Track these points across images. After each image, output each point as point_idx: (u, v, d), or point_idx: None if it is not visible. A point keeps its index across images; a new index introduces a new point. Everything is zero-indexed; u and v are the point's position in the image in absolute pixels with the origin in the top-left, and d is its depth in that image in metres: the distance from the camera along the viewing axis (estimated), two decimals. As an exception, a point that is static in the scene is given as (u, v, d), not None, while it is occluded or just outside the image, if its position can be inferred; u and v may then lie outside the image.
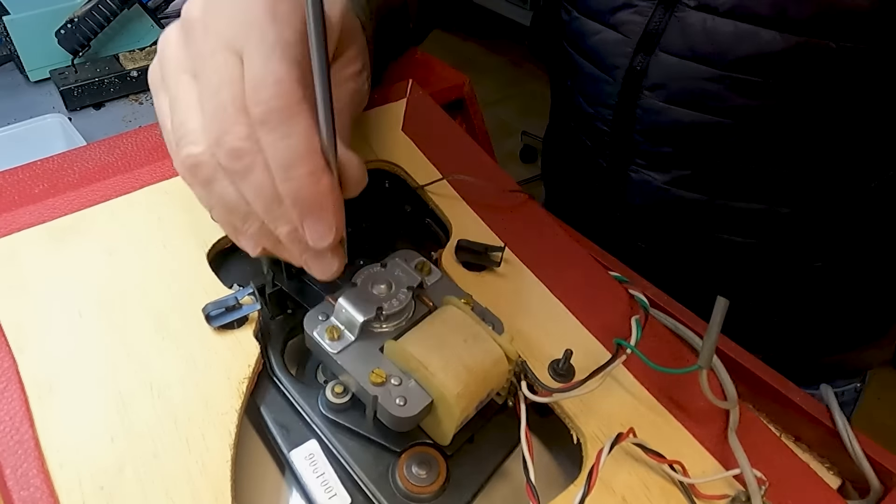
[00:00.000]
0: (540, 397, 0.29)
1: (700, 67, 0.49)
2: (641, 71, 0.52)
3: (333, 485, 0.28)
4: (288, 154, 0.24)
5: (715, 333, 0.28)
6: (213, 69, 0.25)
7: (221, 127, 0.24)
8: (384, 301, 0.29)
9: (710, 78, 0.49)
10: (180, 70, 0.27)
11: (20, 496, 0.25)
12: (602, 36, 0.55)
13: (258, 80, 0.24)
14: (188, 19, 0.27)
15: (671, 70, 0.51)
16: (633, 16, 0.52)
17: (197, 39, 0.26)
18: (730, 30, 0.47)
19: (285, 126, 0.23)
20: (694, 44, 0.49)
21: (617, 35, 0.54)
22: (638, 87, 0.53)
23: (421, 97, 0.45)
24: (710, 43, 0.48)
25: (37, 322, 0.30)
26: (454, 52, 2.70)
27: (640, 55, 0.52)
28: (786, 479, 0.30)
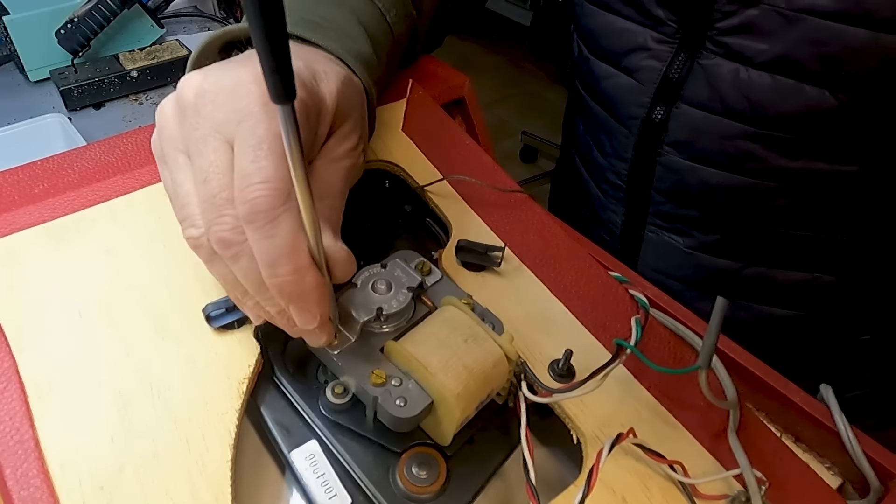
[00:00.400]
0: (540, 398, 0.29)
1: (732, 123, 0.43)
2: (661, 123, 0.47)
3: (334, 485, 0.28)
4: (271, 253, 0.24)
5: (714, 334, 0.28)
6: (203, 156, 0.26)
7: (210, 216, 0.25)
8: (384, 301, 0.29)
9: (744, 136, 0.43)
10: (177, 149, 0.27)
11: (20, 496, 0.25)
12: (615, 81, 0.49)
13: (245, 178, 0.24)
14: (182, 99, 0.27)
15: (696, 124, 0.45)
16: (648, 60, 0.46)
17: (189, 121, 0.27)
18: (767, 82, 0.41)
19: (269, 227, 0.24)
20: (724, 96, 0.43)
21: (631, 81, 0.48)
22: (657, 141, 0.47)
23: (421, 97, 0.45)
24: (743, 97, 0.42)
25: (37, 322, 0.30)
26: (454, 52, 2.70)
27: (658, 105, 0.46)
28: (786, 480, 0.30)
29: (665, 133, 0.47)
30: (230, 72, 0.27)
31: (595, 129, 0.54)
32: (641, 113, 0.48)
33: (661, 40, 0.46)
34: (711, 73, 0.43)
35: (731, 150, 0.44)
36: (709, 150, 0.45)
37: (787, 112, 0.41)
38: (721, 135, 0.44)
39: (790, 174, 0.44)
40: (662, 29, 0.45)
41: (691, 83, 0.45)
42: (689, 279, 0.52)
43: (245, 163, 0.24)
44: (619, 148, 0.51)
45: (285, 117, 0.20)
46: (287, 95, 0.19)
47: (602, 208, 0.56)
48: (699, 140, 0.45)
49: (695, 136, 0.46)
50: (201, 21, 0.98)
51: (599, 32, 0.50)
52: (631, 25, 0.47)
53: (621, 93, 0.49)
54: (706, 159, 0.46)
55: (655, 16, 0.45)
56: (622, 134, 0.50)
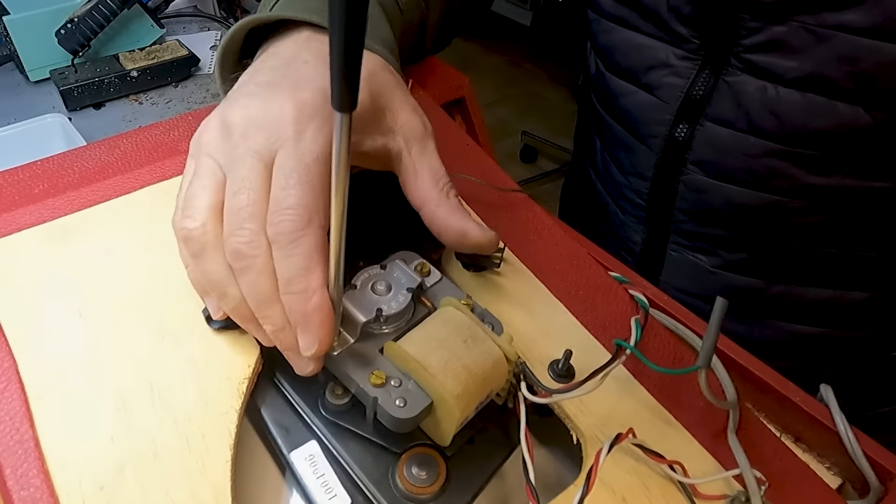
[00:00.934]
0: (539, 398, 0.29)
1: (759, 141, 0.42)
2: (684, 142, 0.45)
3: (333, 486, 0.28)
4: (288, 271, 0.26)
5: (714, 334, 0.28)
6: (237, 171, 0.28)
7: (230, 227, 0.27)
8: (384, 302, 0.29)
9: (772, 153, 0.42)
10: (210, 156, 0.29)
11: (20, 496, 0.25)
12: (635, 98, 0.48)
13: (275, 203, 0.27)
14: (228, 120, 0.29)
15: (722, 142, 0.43)
16: (670, 77, 0.45)
17: (233, 139, 0.29)
18: (797, 100, 0.40)
19: (290, 247, 0.26)
20: (751, 114, 0.42)
21: (652, 99, 0.46)
22: (680, 160, 0.46)
23: (421, 97, 0.45)
24: (771, 114, 0.41)
25: (37, 322, 0.30)
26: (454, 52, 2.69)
27: (681, 124, 0.45)
28: (786, 480, 0.30)
29: (689, 151, 0.45)
30: (274, 101, 0.29)
31: (613, 146, 0.52)
32: (663, 131, 0.47)
33: (684, 57, 0.44)
34: (737, 90, 0.42)
35: (758, 167, 0.43)
36: (735, 169, 0.44)
37: (819, 129, 0.40)
38: (748, 153, 0.43)
39: (820, 191, 0.42)
40: (685, 46, 0.44)
41: (716, 100, 0.43)
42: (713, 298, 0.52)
43: (277, 189, 0.27)
44: (639, 166, 0.50)
45: (342, 125, 0.21)
46: (350, 105, 0.20)
47: (621, 226, 0.55)
48: (725, 158, 0.44)
49: (720, 155, 0.44)
50: (201, 21, 0.98)
51: (617, 49, 0.49)
52: (651, 42, 0.46)
53: (642, 110, 0.48)
54: (732, 177, 0.44)
55: (678, 32, 0.44)
56: (643, 152, 0.49)
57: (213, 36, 0.94)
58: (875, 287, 0.46)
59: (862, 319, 0.48)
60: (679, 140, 0.45)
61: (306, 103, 0.29)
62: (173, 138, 0.42)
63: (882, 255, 0.45)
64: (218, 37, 0.94)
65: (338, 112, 0.21)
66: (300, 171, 0.27)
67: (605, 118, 0.52)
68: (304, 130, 0.28)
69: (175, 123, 0.43)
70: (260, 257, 0.27)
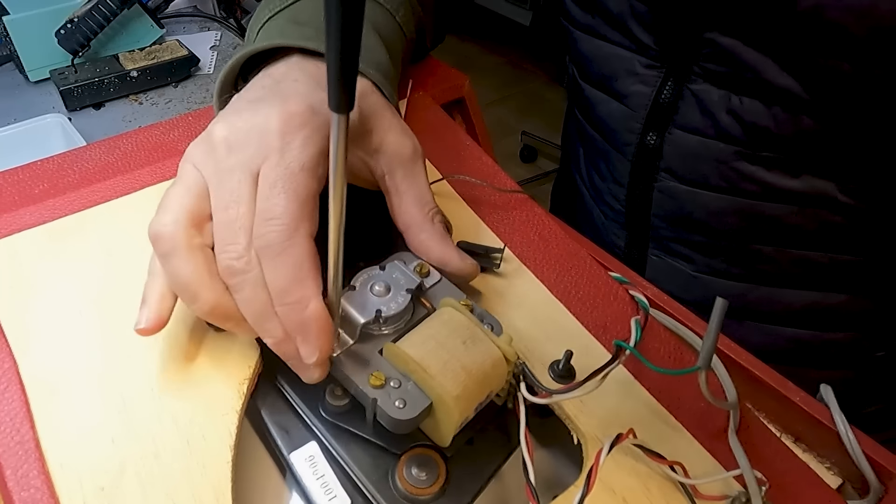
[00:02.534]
0: (539, 399, 0.29)
1: (729, 147, 0.42)
2: (655, 150, 0.45)
3: (333, 486, 0.28)
4: (278, 283, 0.26)
5: (714, 334, 0.28)
6: (225, 186, 0.28)
7: (222, 242, 0.27)
8: (383, 304, 0.29)
9: (742, 158, 0.42)
10: (195, 165, 0.29)
11: (21, 497, 0.25)
12: (608, 107, 0.48)
13: (260, 214, 0.27)
14: (213, 135, 0.29)
15: (691, 149, 0.44)
16: (637, 86, 0.45)
17: (219, 153, 0.29)
18: (759, 108, 0.40)
19: (278, 258, 0.26)
20: (717, 120, 0.42)
21: (622, 107, 0.47)
22: (653, 168, 0.46)
23: (421, 97, 0.45)
24: (736, 121, 0.41)
25: (37, 323, 0.30)
26: (454, 52, 2.70)
27: (651, 132, 0.45)
28: (786, 480, 0.30)
29: (660, 159, 0.46)
30: (260, 113, 0.29)
31: (593, 153, 0.53)
32: (634, 139, 0.47)
33: (649, 65, 0.45)
34: (702, 98, 0.42)
35: (729, 173, 0.43)
36: (706, 174, 0.44)
37: (784, 135, 0.40)
38: (718, 158, 0.43)
39: (792, 194, 0.43)
40: (649, 54, 0.45)
41: (682, 108, 0.44)
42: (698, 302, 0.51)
43: (261, 200, 0.27)
44: (616, 173, 0.50)
45: (339, 126, 0.22)
46: (347, 106, 0.20)
47: (605, 231, 0.55)
48: (696, 165, 0.44)
49: (691, 161, 0.45)
50: (201, 21, 0.98)
51: (590, 57, 0.49)
52: (619, 51, 0.46)
53: (614, 119, 0.48)
54: (704, 184, 0.45)
55: (642, 41, 0.44)
56: (618, 159, 0.49)
57: (213, 36, 0.94)
58: (856, 289, 0.46)
59: (845, 321, 0.48)
60: (650, 147, 0.46)
61: (294, 114, 0.29)
62: (173, 139, 0.42)
63: (861, 258, 0.45)
64: (218, 37, 0.94)
65: (335, 113, 0.21)
66: (285, 180, 0.27)
67: (585, 126, 0.53)
68: (290, 141, 0.28)
69: (175, 124, 0.43)
70: (252, 272, 0.27)
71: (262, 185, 0.27)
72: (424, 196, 0.33)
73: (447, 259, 0.32)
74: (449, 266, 0.32)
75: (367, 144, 0.32)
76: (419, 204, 0.32)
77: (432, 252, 0.32)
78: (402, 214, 0.33)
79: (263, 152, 0.28)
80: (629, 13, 0.44)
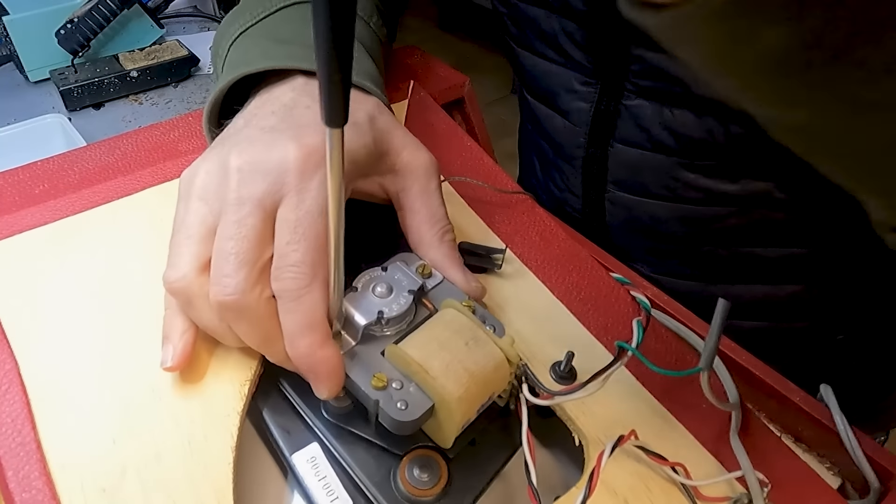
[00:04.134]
0: (541, 400, 0.29)
1: (667, 158, 0.43)
2: (601, 163, 0.47)
3: (335, 488, 0.28)
4: (291, 328, 0.27)
5: (716, 335, 0.28)
6: (233, 217, 0.27)
7: (217, 274, 0.27)
8: (385, 305, 0.29)
9: (681, 167, 0.43)
10: (204, 199, 0.28)
11: (22, 498, 0.25)
12: (553, 122, 0.50)
13: (280, 258, 0.27)
14: (227, 165, 0.28)
15: (633, 162, 0.45)
16: (577, 102, 0.46)
17: (231, 184, 0.28)
18: (691, 119, 0.41)
19: (294, 304, 0.26)
20: (652, 134, 0.43)
21: (566, 122, 0.48)
22: (602, 180, 0.48)
23: (422, 98, 0.45)
24: (669, 134, 0.43)
25: (38, 324, 0.30)
26: (454, 52, 2.70)
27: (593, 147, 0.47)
28: (787, 481, 0.30)
29: (607, 171, 0.47)
30: (277, 147, 0.28)
31: (546, 165, 0.54)
32: (581, 153, 0.48)
33: (585, 82, 0.46)
34: (636, 113, 0.43)
35: (669, 182, 0.45)
36: (649, 184, 0.46)
37: (717, 142, 0.41)
38: (657, 169, 0.45)
39: (734, 197, 0.44)
40: (584, 71, 0.45)
41: (620, 123, 0.45)
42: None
43: (282, 244, 0.27)
44: (570, 184, 0.52)
45: (334, 140, 0.21)
46: (341, 120, 0.20)
47: None
48: (639, 176, 0.46)
49: (634, 173, 0.46)
50: (201, 21, 0.98)
51: (531, 73, 0.51)
52: (555, 68, 0.47)
53: (559, 133, 0.50)
54: (649, 193, 0.46)
55: (574, 58, 0.45)
56: (570, 171, 0.51)
57: (212, 36, 0.94)
58: (808, 279, 0.47)
59: (801, 310, 0.49)
60: (596, 160, 0.47)
61: (312, 151, 0.28)
62: (173, 139, 0.42)
63: (808, 249, 0.46)
64: (218, 37, 0.93)
65: (329, 128, 0.21)
66: (306, 226, 0.27)
67: (536, 137, 0.54)
68: (309, 180, 0.28)
69: (175, 124, 0.43)
70: (249, 311, 0.27)
71: (281, 227, 0.27)
72: (437, 213, 0.33)
73: (454, 280, 0.32)
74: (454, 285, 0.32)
75: (383, 166, 0.32)
76: (431, 222, 0.32)
77: (438, 270, 0.32)
78: (414, 232, 0.33)
79: (281, 189, 0.28)
80: (560, 31, 0.45)
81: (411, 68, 0.51)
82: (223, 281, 0.26)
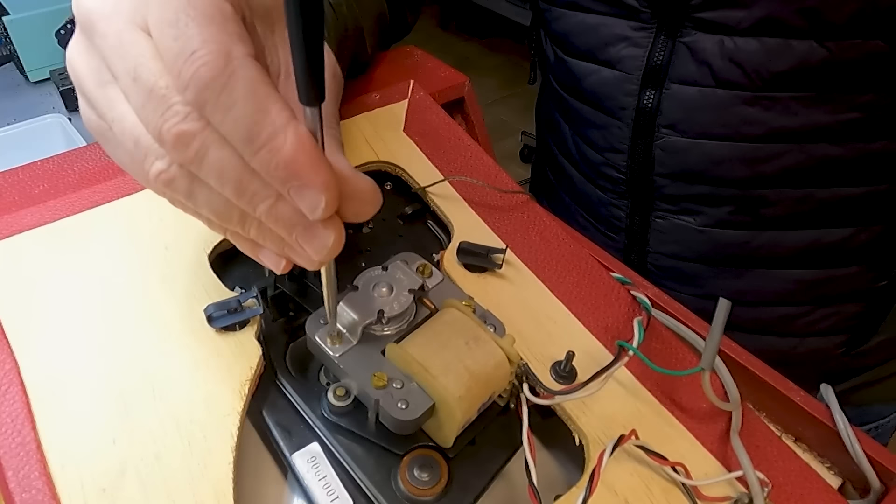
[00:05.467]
0: (542, 399, 0.29)
1: (727, 92, 0.44)
2: (653, 108, 0.47)
3: (335, 487, 0.28)
4: (240, 125, 0.20)
5: (717, 335, 0.28)
6: (123, 58, 0.22)
7: (155, 117, 0.21)
8: (385, 304, 0.29)
9: (741, 102, 0.44)
10: (101, 84, 0.23)
11: (22, 498, 0.25)
12: (598, 76, 0.49)
13: (175, 58, 0.20)
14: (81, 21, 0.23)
15: (690, 101, 0.45)
16: (629, 49, 0.46)
17: (98, 39, 0.23)
18: (754, 47, 0.42)
19: (224, 96, 0.20)
20: (713, 68, 0.43)
21: (615, 72, 0.48)
22: (652, 126, 0.48)
23: (422, 98, 0.45)
24: (733, 65, 0.43)
25: (38, 324, 0.30)
26: (454, 52, 2.70)
27: (647, 91, 0.47)
28: (788, 481, 0.30)
29: (659, 115, 0.47)
30: None
31: (583, 127, 0.54)
32: (631, 102, 0.48)
33: (639, 28, 0.46)
34: (696, 48, 0.44)
35: (729, 118, 0.45)
36: (707, 124, 0.46)
37: (780, 71, 0.42)
38: (717, 106, 0.45)
39: (792, 132, 0.44)
40: (639, 16, 0.46)
41: (677, 62, 0.45)
42: (704, 257, 0.52)
43: (168, 42, 0.21)
44: (613, 141, 0.51)
45: (313, 118, 0.20)
46: (318, 98, 0.19)
47: (602, 205, 0.56)
48: (695, 116, 0.46)
49: (690, 113, 0.46)
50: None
51: (573, 32, 0.51)
52: (605, 19, 0.48)
53: (606, 86, 0.49)
54: (705, 133, 0.46)
55: (629, 5, 0.46)
56: (615, 126, 0.50)
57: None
58: (859, 221, 0.48)
59: (849, 256, 0.50)
60: (648, 107, 0.47)
61: None
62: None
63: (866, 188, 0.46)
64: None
65: (307, 107, 0.20)
66: (184, 9, 0.21)
67: (571, 102, 0.54)
68: None
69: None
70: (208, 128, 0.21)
71: (158, 29, 0.21)
72: None
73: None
74: None
75: None
76: None
77: None
78: None
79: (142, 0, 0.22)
80: None
81: (411, 68, 0.51)
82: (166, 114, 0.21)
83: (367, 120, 0.43)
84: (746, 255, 0.51)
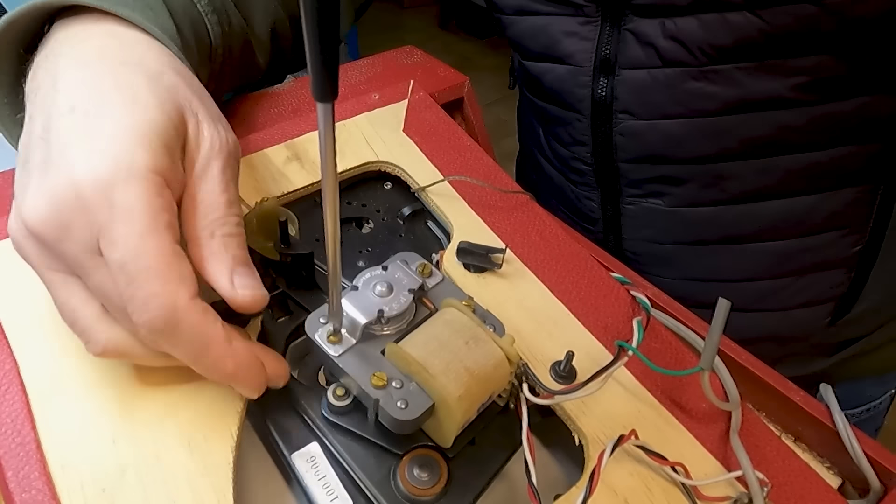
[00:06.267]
0: (541, 399, 0.29)
1: (675, 70, 0.45)
2: (608, 97, 0.49)
3: (335, 487, 0.28)
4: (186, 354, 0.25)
5: (717, 335, 0.28)
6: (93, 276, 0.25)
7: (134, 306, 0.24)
8: (385, 304, 0.29)
9: (690, 78, 0.45)
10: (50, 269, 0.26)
11: (22, 499, 0.25)
12: (554, 74, 0.51)
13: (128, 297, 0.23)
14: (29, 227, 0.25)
15: (642, 84, 0.47)
16: (579, 43, 0.48)
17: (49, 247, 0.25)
18: (694, 26, 0.43)
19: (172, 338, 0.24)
20: (659, 49, 0.45)
21: (569, 67, 0.50)
22: (609, 115, 0.49)
23: (422, 98, 0.45)
24: (677, 44, 0.44)
25: (38, 324, 0.30)
26: (454, 52, 2.70)
27: (600, 80, 0.48)
28: (787, 481, 0.30)
29: (615, 101, 0.49)
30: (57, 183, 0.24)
31: (551, 125, 0.56)
32: (587, 94, 0.50)
33: (586, 21, 0.48)
34: (640, 33, 0.45)
35: (681, 96, 0.46)
36: (660, 104, 0.47)
37: (721, 45, 0.43)
38: (666, 85, 0.46)
39: (744, 103, 0.45)
40: (583, 11, 0.48)
41: (624, 49, 0.47)
42: (678, 238, 0.54)
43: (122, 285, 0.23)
44: (576, 134, 0.53)
45: (325, 114, 0.21)
46: (332, 94, 0.20)
47: (578, 199, 0.58)
48: (648, 98, 0.47)
49: (643, 96, 0.47)
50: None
51: (525, 35, 0.52)
52: (553, 19, 0.49)
53: (563, 82, 0.51)
54: (661, 114, 0.47)
55: (573, 2, 0.48)
56: (576, 119, 0.52)
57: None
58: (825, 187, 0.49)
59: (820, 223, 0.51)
60: (603, 96, 0.49)
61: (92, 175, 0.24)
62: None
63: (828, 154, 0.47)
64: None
65: (320, 103, 0.21)
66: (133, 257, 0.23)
67: (538, 102, 0.56)
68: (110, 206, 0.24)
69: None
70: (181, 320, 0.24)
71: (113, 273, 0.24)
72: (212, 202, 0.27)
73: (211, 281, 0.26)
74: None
75: None
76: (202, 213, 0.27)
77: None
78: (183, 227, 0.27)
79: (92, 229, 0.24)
80: None
81: (411, 68, 0.51)
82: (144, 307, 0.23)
83: (367, 120, 0.43)
84: (719, 232, 0.52)
